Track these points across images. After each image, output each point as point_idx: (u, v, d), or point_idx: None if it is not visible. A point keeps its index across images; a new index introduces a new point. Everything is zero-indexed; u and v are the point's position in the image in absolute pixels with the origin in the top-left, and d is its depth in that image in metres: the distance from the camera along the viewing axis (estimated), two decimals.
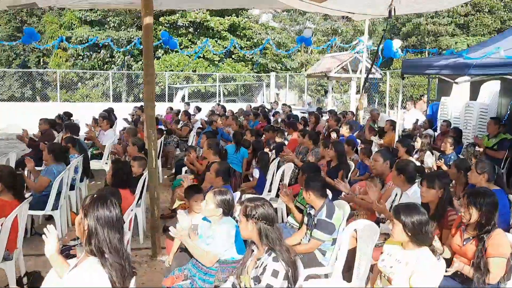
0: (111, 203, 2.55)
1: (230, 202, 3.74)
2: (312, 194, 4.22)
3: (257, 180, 6.78)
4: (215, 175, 4.89)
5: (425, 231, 3.12)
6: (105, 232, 2.47)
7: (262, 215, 2.97)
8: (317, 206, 4.24)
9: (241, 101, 24.40)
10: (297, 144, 8.33)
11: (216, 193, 3.74)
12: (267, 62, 26.03)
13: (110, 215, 2.51)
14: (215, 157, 6.21)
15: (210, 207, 3.72)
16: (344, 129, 8.89)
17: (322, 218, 4.11)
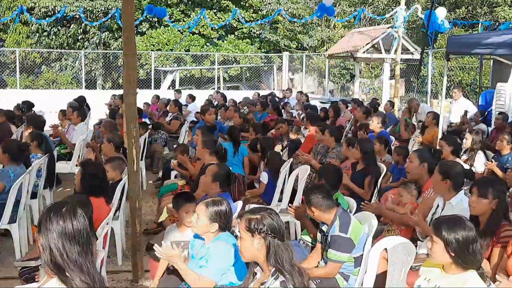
0: (69, 212, 2.61)
1: (227, 214, 3.77)
2: (316, 210, 4.25)
3: (265, 187, 6.80)
4: (212, 179, 4.92)
5: (473, 250, 3.12)
6: (59, 244, 2.53)
7: (270, 227, 2.99)
8: (328, 221, 4.27)
9: (246, 88, 24.47)
10: (314, 142, 8.35)
11: (208, 204, 3.77)
12: (278, 39, 26.06)
13: (64, 225, 2.58)
14: (212, 158, 6.24)
15: (203, 223, 3.75)
16: (374, 122, 8.90)
17: (336, 234, 4.13)
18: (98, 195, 4.68)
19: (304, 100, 15.24)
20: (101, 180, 4.88)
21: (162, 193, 7.07)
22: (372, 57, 16.78)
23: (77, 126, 9.63)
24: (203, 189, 5.20)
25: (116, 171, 5.81)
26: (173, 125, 11.60)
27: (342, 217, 4.20)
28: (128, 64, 5.19)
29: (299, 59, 24.63)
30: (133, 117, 5.26)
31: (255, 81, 25.62)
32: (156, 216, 7.26)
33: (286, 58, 23.76)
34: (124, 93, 5.25)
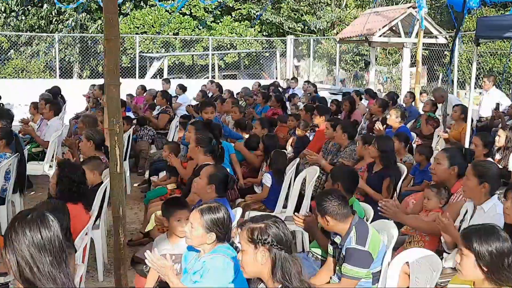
0: (35, 219, 2.63)
1: (225, 222, 3.76)
2: (331, 219, 4.25)
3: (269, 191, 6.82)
4: (207, 182, 4.92)
5: (508, 265, 3.11)
6: (27, 256, 2.55)
7: (276, 238, 3.00)
8: (342, 231, 4.27)
9: (245, 77, 24.46)
10: (324, 139, 8.35)
11: (203, 211, 3.77)
12: (281, 21, 26.03)
13: (32, 235, 2.59)
14: (206, 158, 6.25)
15: (198, 233, 3.74)
16: (392, 117, 8.91)
17: (352, 247, 4.13)
18: (76, 201, 4.68)
19: (312, 91, 15.26)
20: (80, 184, 4.88)
21: (149, 198, 7.08)
22: (390, 41, 16.72)
23: (50, 121, 9.63)
24: (197, 194, 5.19)
25: (95, 173, 5.81)
26: (161, 120, 11.60)
27: (359, 227, 4.20)
28: (110, 50, 5.18)
29: (305, 43, 24.61)
30: (116, 111, 5.23)
31: (255, 69, 25.62)
32: (142, 225, 7.28)
33: (290, 42, 23.73)
34: (106, 84, 5.24)
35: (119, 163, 5.21)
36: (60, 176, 4.84)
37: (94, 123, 8.39)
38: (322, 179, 7.40)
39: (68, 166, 5.02)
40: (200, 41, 24.57)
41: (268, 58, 25.47)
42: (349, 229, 4.21)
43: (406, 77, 16.53)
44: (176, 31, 25.19)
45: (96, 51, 24.51)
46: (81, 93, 15.58)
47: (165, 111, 11.80)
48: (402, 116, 9.05)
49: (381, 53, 24.65)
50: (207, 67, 23.46)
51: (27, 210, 2.74)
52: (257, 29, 26.38)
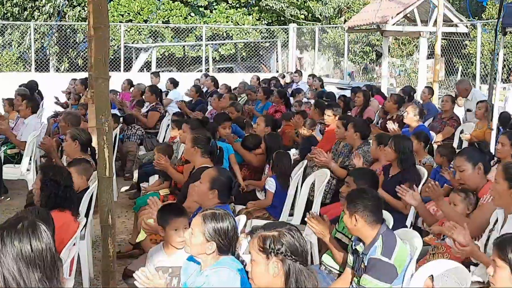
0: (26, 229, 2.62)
1: (228, 233, 3.77)
2: (361, 219, 4.25)
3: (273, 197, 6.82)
4: (209, 187, 4.92)
5: None
6: (14, 271, 2.54)
7: (291, 247, 3.01)
8: (367, 238, 4.27)
9: (242, 70, 24.48)
10: (334, 139, 8.36)
11: (207, 218, 3.77)
12: (283, 7, 26.04)
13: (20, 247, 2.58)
14: (205, 160, 6.25)
15: (197, 240, 3.75)
16: (410, 114, 8.92)
17: (377, 257, 4.13)
18: (63, 208, 4.68)
19: (318, 86, 15.25)
20: (67, 189, 4.88)
21: (139, 205, 7.06)
22: (405, 30, 16.73)
23: (27, 120, 9.62)
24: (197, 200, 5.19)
25: (82, 177, 5.82)
26: (151, 118, 11.59)
27: (386, 238, 4.21)
28: (99, 39, 5.18)
29: (309, 33, 24.63)
30: (105, 107, 5.24)
31: (254, 61, 25.64)
32: (131, 235, 7.28)
33: (293, 31, 23.76)
34: (94, 77, 5.26)
35: (108, 166, 5.22)
36: (44, 180, 4.83)
37: (77, 122, 8.39)
38: (333, 183, 7.42)
39: (52, 169, 5.02)
40: (193, 30, 24.56)
41: (268, 49, 25.48)
42: (375, 238, 4.22)
43: (422, 70, 16.51)
44: (165, 19, 25.15)
45: (76, 41, 24.48)
46: (58, 88, 15.55)
47: (155, 108, 11.77)
48: (421, 113, 9.08)
49: (394, 44, 24.66)
50: (200, 59, 23.47)
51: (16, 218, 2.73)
52: (255, 16, 26.39)
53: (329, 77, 22.21)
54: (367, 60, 25.30)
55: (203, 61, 22.62)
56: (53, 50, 24.71)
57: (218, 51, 24.78)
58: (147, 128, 11.36)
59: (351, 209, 4.29)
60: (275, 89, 13.44)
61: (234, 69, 25.01)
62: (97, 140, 5.28)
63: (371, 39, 24.28)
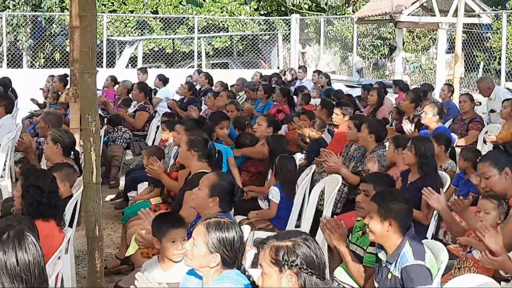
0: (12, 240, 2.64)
1: (234, 244, 3.76)
2: (395, 224, 4.27)
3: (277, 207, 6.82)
4: (209, 194, 4.92)
5: None
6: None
7: (306, 259, 3.02)
8: (391, 246, 4.32)
9: (239, 65, 24.47)
10: (345, 141, 8.36)
11: (210, 227, 3.77)
12: None
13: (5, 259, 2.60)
14: (202, 164, 6.23)
15: (200, 252, 3.75)
16: (428, 114, 8.92)
17: (412, 264, 4.15)
18: (47, 217, 4.68)
19: (324, 83, 15.25)
20: (51, 196, 4.88)
21: (128, 215, 7.04)
22: (422, 21, 16.75)
23: (1, 120, 9.63)
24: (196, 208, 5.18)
25: (65, 184, 5.81)
26: (139, 118, 11.54)
27: (414, 242, 4.24)
28: (85, 29, 5.24)
29: (313, 25, 24.63)
30: (92, 106, 5.28)
31: (251, 56, 25.61)
32: (119, 249, 7.27)
33: (295, 23, 23.77)
34: (79, 72, 5.29)
35: (95, 171, 5.25)
36: (26, 186, 4.82)
37: (59, 122, 8.36)
38: (344, 191, 7.41)
39: (35, 173, 5.01)
40: (184, 22, 24.52)
41: (268, 42, 25.46)
42: (401, 244, 4.24)
43: (441, 66, 16.55)
44: (153, 9, 25.10)
45: (52, 34, 24.43)
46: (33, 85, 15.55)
47: (144, 108, 11.70)
48: (440, 113, 9.06)
49: (407, 37, 24.65)
50: (191, 54, 23.46)
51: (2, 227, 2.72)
52: (253, 6, 26.37)
53: (336, 74, 22.18)
54: (378, 55, 25.25)
55: (195, 56, 22.61)
56: (27, 44, 24.60)
57: (211, 44, 24.72)
58: (134, 130, 11.32)
59: (383, 213, 4.29)
60: (277, 86, 13.42)
61: (229, 65, 24.95)
62: (83, 142, 5.32)
63: (382, 32, 24.27)
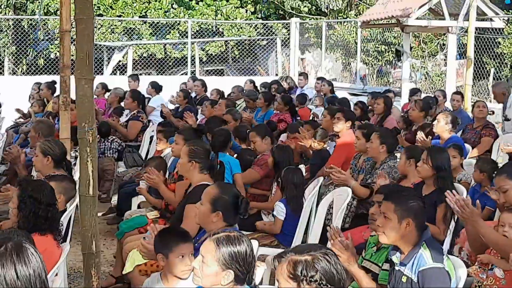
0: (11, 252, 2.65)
1: (248, 258, 3.79)
2: (413, 223, 4.34)
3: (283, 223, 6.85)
4: (211, 209, 4.93)
5: None
6: None
7: (326, 275, 3.04)
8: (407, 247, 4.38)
9: (234, 72, 24.47)
10: (352, 152, 8.38)
11: (220, 242, 3.79)
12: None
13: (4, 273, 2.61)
14: (203, 176, 6.25)
15: (211, 270, 3.77)
16: (441, 123, 8.97)
17: (430, 267, 4.18)
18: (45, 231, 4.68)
19: (327, 91, 15.27)
20: (49, 208, 4.89)
21: (124, 231, 7.08)
22: (431, 25, 16.76)
23: None
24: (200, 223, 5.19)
25: (60, 197, 5.83)
26: (132, 128, 11.54)
27: (430, 244, 4.30)
28: (82, 33, 5.21)
29: (314, 29, 24.64)
30: (89, 114, 5.27)
31: (247, 62, 25.60)
32: (114, 267, 7.28)
33: (295, 27, 23.76)
34: (77, 78, 5.27)
35: (92, 183, 5.24)
36: (22, 197, 4.84)
37: (50, 132, 8.35)
38: (353, 204, 7.42)
39: (32, 184, 5.02)
40: (176, 26, 24.51)
41: (265, 48, 25.47)
42: (418, 244, 4.30)
43: (451, 72, 16.57)
44: (143, 13, 25.11)
45: (37, 39, 24.42)
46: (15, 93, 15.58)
47: (137, 117, 11.71)
48: (453, 122, 9.10)
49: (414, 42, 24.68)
50: (184, 60, 23.46)
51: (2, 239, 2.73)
52: (250, 9, 26.39)
53: (337, 81, 22.16)
54: (382, 62, 25.25)
55: (189, 62, 22.59)
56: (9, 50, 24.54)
57: (204, 50, 24.70)
58: (126, 140, 11.31)
59: (401, 212, 4.36)
60: (277, 94, 13.44)
61: (225, 72, 24.94)
62: (80, 152, 5.31)
63: (387, 36, 24.30)
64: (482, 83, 20.24)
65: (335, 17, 25.74)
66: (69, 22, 7.93)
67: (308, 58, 25.15)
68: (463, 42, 18.60)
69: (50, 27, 24.04)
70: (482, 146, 9.89)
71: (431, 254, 4.22)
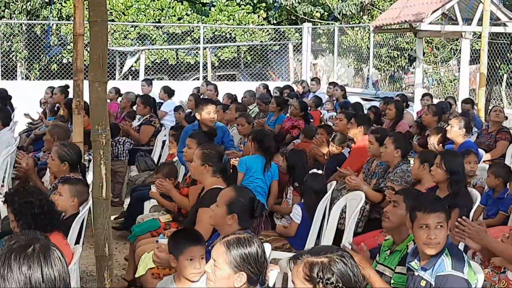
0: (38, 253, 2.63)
1: (259, 259, 3.79)
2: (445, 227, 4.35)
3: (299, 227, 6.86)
4: (227, 211, 4.92)
5: None
6: None
7: (343, 277, 3.03)
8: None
9: (246, 77, 24.46)
10: (365, 157, 8.38)
11: (231, 245, 3.79)
12: (295, 4, 26.02)
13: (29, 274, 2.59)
14: (216, 180, 6.25)
15: (224, 273, 3.76)
16: (454, 128, 8.95)
17: (449, 274, 4.18)
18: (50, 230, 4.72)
19: (339, 95, 15.27)
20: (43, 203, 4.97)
21: (136, 234, 7.07)
22: (444, 30, 16.72)
23: None
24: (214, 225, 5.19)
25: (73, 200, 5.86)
26: (144, 132, 11.54)
27: (452, 250, 4.28)
28: (95, 36, 5.26)
29: (326, 34, 24.61)
30: (102, 117, 5.30)
31: (259, 67, 25.62)
32: (126, 270, 7.28)
33: (307, 32, 23.76)
34: (90, 81, 5.29)
35: (105, 186, 5.26)
36: (15, 209, 4.95)
37: (66, 135, 8.32)
38: (366, 209, 7.40)
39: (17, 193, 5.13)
40: (190, 32, 24.54)
41: (277, 53, 25.47)
42: (441, 251, 4.28)
43: (464, 78, 16.54)
44: (157, 18, 25.12)
45: (49, 44, 24.49)
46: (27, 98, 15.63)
47: (149, 121, 11.71)
48: (467, 127, 9.08)
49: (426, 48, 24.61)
50: (196, 66, 23.49)
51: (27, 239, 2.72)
52: (262, 15, 26.41)
53: (349, 87, 22.13)
54: (395, 67, 25.20)
55: (201, 67, 22.63)
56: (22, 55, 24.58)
57: (216, 55, 24.73)
58: (139, 144, 11.32)
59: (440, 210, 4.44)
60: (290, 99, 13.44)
61: (237, 77, 24.94)
62: (93, 155, 5.33)
63: (400, 42, 24.25)
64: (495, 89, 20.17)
65: (347, 22, 25.69)
66: (82, 26, 7.94)
67: (320, 64, 25.14)
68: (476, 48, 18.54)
69: (63, 33, 24.11)
70: (497, 151, 9.86)
71: (452, 261, 4.21)
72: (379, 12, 23.18)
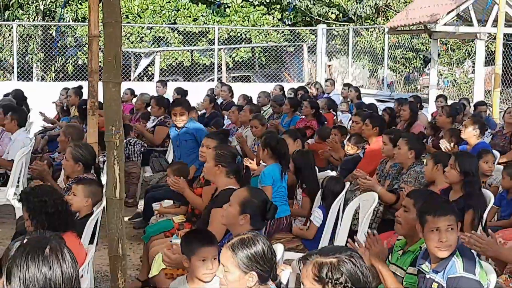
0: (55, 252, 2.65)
1: (267, 255, 3.81)
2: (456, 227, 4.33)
3: None
4: (240, 211, 4.94)
5: None
6: None
7: (352, 278, 3.03)
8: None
9: (261, 79, 24.44)
10: (380, 158, 8.36)
11: (235, 247, 3.81)
12: (310, 5, 26.03)
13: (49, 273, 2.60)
14: (229, 180, 6.25)
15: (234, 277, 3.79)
16: (468, 129, 8.93)
17: (460, 275, 4.17)
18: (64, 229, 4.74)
19: (354, 97, 15.24)
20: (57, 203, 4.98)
21: (150, 234, 7.09)
22: (459, 31, 16.67)
23: (14, 135, 9.65)
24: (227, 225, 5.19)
25: (87, 200, 5.88)
26: (158, 134, 11.53)
27: (463, 252, 4.27)
28: (109, 37, 5.22)
29: (340, 36, 24.59)
30: (116, 117, 5.29)
31: (274, 68, 25.61)
32: (140, 271, 7.30)
33: (322, 34, 23.75)
34: (104, 82, 5.30)
35: (118, 186, 5.25)
36: (29, 207, 4.96)
37: (80, 136, 8.36)
38: (379, 210, 7.38)
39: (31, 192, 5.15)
40: (205, 33, 24.58)
41: (292, 54, 25.46)
42: (452, 253, 4.28)
43: (479, 79, 16.47)
44: (172, 19, 25.15)
45: (65, 46, 24.57)
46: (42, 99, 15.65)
47: (163, 122, 11.69)
48: (482, 128, 9.05)
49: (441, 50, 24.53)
50: (211, 67, 23.50)
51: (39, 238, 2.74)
52: (277, 16, 26.41)
53: (364, 88, 22.10)
54: (410, 68, 25.15)
55: (215, 69, 22.63)
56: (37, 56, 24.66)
57: (232, 57, 24.73)
58: (153, 145, 11.34)
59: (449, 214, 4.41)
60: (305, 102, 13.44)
61: (251, 78, 24.91)
62: (107, 155, 5.33)
63: (415, 43, 24.19)
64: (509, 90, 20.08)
65: (361, 24, 25.66)
66: (97, 27, 7.96)
67: (334, 65, 25.12)
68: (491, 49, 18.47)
69: (78, 34, 24.19)
70: None
71: (463, 263, 4.20)
72: (394, 13, 23.16)
